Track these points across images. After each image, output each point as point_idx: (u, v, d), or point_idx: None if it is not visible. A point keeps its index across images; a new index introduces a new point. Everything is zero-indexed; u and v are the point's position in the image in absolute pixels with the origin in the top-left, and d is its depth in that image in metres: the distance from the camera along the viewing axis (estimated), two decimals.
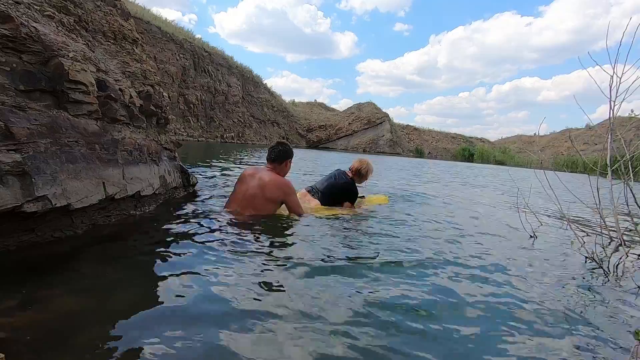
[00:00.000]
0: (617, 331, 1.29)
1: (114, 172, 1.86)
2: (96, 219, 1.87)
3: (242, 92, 29.49)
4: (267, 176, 2.46)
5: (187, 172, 3.11)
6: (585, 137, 38.02)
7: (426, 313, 1.31)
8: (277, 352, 1.00)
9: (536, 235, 2.67)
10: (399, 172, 10.33)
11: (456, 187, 7.30)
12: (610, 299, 1.61)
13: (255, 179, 2.45)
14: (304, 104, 47.09)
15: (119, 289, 1.31)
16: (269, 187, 2.42)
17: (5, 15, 1.42)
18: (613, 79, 2.01)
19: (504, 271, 1.84)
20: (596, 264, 2.02)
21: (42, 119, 1.46)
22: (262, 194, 2.40)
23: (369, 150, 37.95)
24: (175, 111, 20.53)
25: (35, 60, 1.51)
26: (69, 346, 0.94)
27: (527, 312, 1.37)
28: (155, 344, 0.99)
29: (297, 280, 1.49)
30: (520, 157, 42.71)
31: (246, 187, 2.45)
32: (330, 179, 3.20)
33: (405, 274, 1.68)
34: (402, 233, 2.44)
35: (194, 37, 25.87)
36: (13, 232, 1.46)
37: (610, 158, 2.13)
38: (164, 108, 2.75)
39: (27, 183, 1.32)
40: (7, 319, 1.01)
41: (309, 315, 1.20)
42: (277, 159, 2.58)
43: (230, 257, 1.68)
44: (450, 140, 49.71)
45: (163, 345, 0.98)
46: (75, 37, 1.98)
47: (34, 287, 1.23)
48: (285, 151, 2.62)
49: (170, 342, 1.00)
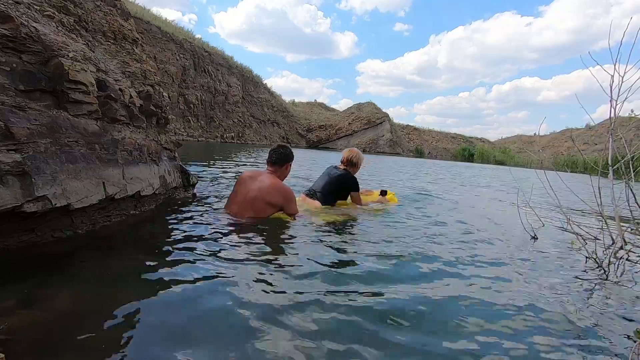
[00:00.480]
0: (617, 331, 1.29)
1: (114, 172, 1.86)
2: (96, 219, 1.87)
3: (242, 92, 29.50)
4: (268, 180, 2.44)
5: (187, 172, 3.11)
6: (585, 137, 38.00)
7: (425, 313, 1.30)
8: (276, 352, 1.00)
9: (537, 235, 2.67)
10: (397, 174, 10.33)
11: (456, 187, 7.30)
12: (610, 298, 1.61)
13: (256, 182, 2.44)
14: (304, 104, 47.11)
15: (119, 288, 1.31)
16: (270, 192, 2.40)
17: (5, 15, 1.42)
18: (614, 78, 2.01)
19: (504, 271, 1.83)
20: (596, 264, 2.02)
21: (42, 119, 1.46)
22: (263, 197, 2.38)
23: (369, 150, 37.97)
24: (175, 111, 20.53)
25: (35, 60, 1.51)
26: (69, 346, 0.93)
27: (526, 311, 1.37)
28: (155, 343, 0.99)
29: (296, 282, 1.49)
30: (520, 157, 42.72)
31: (247, 189, 2.43)
32: (324, 178, 3.14)
33: (403, 274, 1.68)
34: (400, 234, 2.44)
35: (194, 37, 25.90)
36: (13, 232, 1.46)
37: (611, 158, 2.12)
38: (164, 108, 2.75)
39: (27, 183, 1.32)
40: (7, 319, 1.01)
41: (304, 319, 1.20)
42: (278, 161, 2.56)
43: (231, 258, 1.67)
44: (450, 140, 49.73)
45: (163, 345, 0.98)
46: (75, 37, 1.98)
47: (34, 287, 1.22)
48: (286, 154, 2.60)
49: (170, 342, 0.99)
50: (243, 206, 2.40)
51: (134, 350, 0.95)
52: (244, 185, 2.48)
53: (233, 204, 2.48)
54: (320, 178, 3.20)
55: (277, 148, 2.62)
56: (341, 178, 3.08)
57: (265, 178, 2.46)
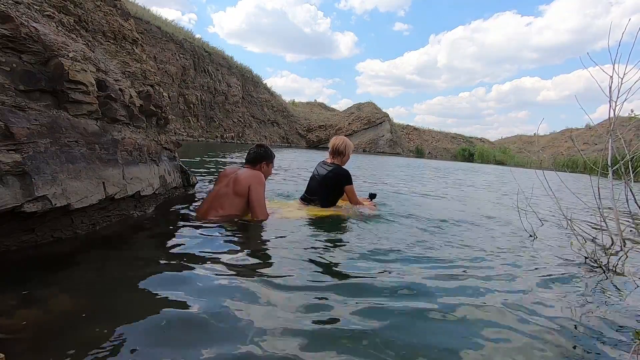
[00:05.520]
0: (616, 331, 1.29)
1: (114, 172, 1.86)
2: (96, 219, 1.87)
3: (242, 92, 29.48)
4: (242, 172, 2.39)
5: (187, 172, 3.11)
6: (585, 137, 37.99)
7: (423, 313, 1.30)
8: (275, 352, 1.00)
9: (536, 235, 2.67)
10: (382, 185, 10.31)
11: (455, 186, 7.29)
12: (609, 298, 1.61)
13: (228, 178, 2.39)
14: (304, 104, 47.08)
15: (119, 289, 1.31)
16: (238, 180, 2.32)
17: (5, 15, 1.42)
18: (613, 79, 2.01)
19: (504, 271, 1.83)
20: (596, 264, 2.02)
21: (42, 119, 1.46)
22: (232, 190, 2.31)
23: (369, 150, 37.94)
24: (175, 111, 20.52)
25: (35, 60, 1.51)
26: (69, 346, 0.93)
27: (526, 311, 1.37)
28: (155, 343, 0.99)
29: (296, 280, 1.49)
30: (520, 157, 42.69)
31: (218, 187, 2.40)
32: (315, 180, 2.95)
33: (401, 274, 1.68)
34: (396, 232, 2.44)
35: (194, 37, 25.88)
36: (13, 232, 1.46)
37: (611, 158, 2.13)
38: (164, 108, 2.75)
39: (27, 183, 1.32)
40: (7, 319, 1.01)
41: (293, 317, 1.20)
42: (252, 160, 2.55)
43: (231, 258, 1.68)
44: (450, 140, 49.70)
45: (163, 345, 0.98)
46: (75, 37, 1.98)
47: (34, 287, 1.23)
48: (260, 153, 2.57)
49: (170, 342, 1.00)
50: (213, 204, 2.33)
51: (134, 350, 0.95)
52: (218, 183, 2.45)
53: (205, 202, 2.42)
54: (311, 180, 3.00)
55: (254, 147, 2.62)
56: (331, 175, 2.86)
57: (239, 172, 2.41)
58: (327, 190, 2.89)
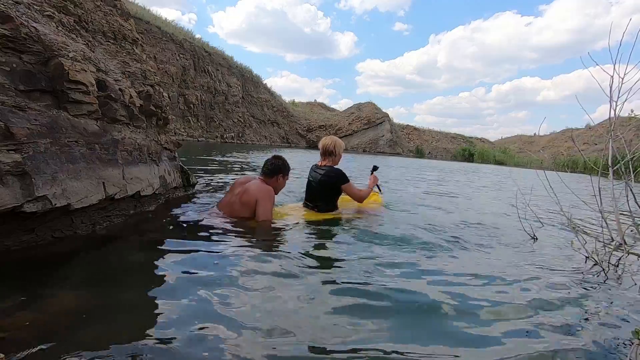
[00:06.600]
0: (616, 331, 1.29)
1: (114, 172, 1.86)
2: (96, 219, 1.87)
3: (242, 92, 29.50)
4: (252, 184, 2.39)
5: (187, 172, 3.11)
6: (586, 137, 37.97)
7: (422, 313, 1.30)
8: (278, 348, 1.00)
9: (536, 235, 2.67)
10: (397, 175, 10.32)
11: (455, 186, 7.29)
12: (610, 298, 1.61)
13: (240, 188, 2.40)
14: (304, 104, 47.10)
15: (119, 289, 1.31)
16: (248, 192, 2.33)
17: (5, 15, 1.42)
18: (614, 79, 2.01)
19: (503, 271, 1.83)
20: (596, 264, 2.02)
21: (42, 119, 1.46)
22: (239, 199, 2.33)
23: (369, 150, 37.95)
24: (175, 111, 20.53)
25: (35, 60, 1.51)
26: (69, 346, 0.93)
27: (526, 311, 1.37)
28: (155, 343, 0.99)
29: (295, 280, 1.49)
30: (520, 157, 42.68)
31: (230, 195, 2.43)
32: (311, 185, 2.88)
33: (400, 274, 1.68)
34: (396, 233, 2.44)
35: (194, 37, 25.91)
36: (13, 232, 1.46)
37: (611, 158, 2.12)
38: (164, 108, 2.75)
39: (27, 183, 1.32)
40: (7, 319, 1.01)
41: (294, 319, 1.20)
42: (269, 172, 2.48)
43: (230, 258, 1.67)
44: (450, 140, 49.69)
45: (163, 345, 0.98)
46: (75, 37, 1.98)
47: (34, 287, 1.22)
48: (278, 165, 2.49)
49: (170, 342, 1.00)
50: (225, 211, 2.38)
51: (134, 350, 0.95)
52: (231, 192, 2.47)
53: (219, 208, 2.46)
54: (308, 186, 2.93)
55: (272, 159, 2.54)
56: (326, 179, 2.78)
57: (251, 183, 2.41)
58: (325, 195, 2.85)
